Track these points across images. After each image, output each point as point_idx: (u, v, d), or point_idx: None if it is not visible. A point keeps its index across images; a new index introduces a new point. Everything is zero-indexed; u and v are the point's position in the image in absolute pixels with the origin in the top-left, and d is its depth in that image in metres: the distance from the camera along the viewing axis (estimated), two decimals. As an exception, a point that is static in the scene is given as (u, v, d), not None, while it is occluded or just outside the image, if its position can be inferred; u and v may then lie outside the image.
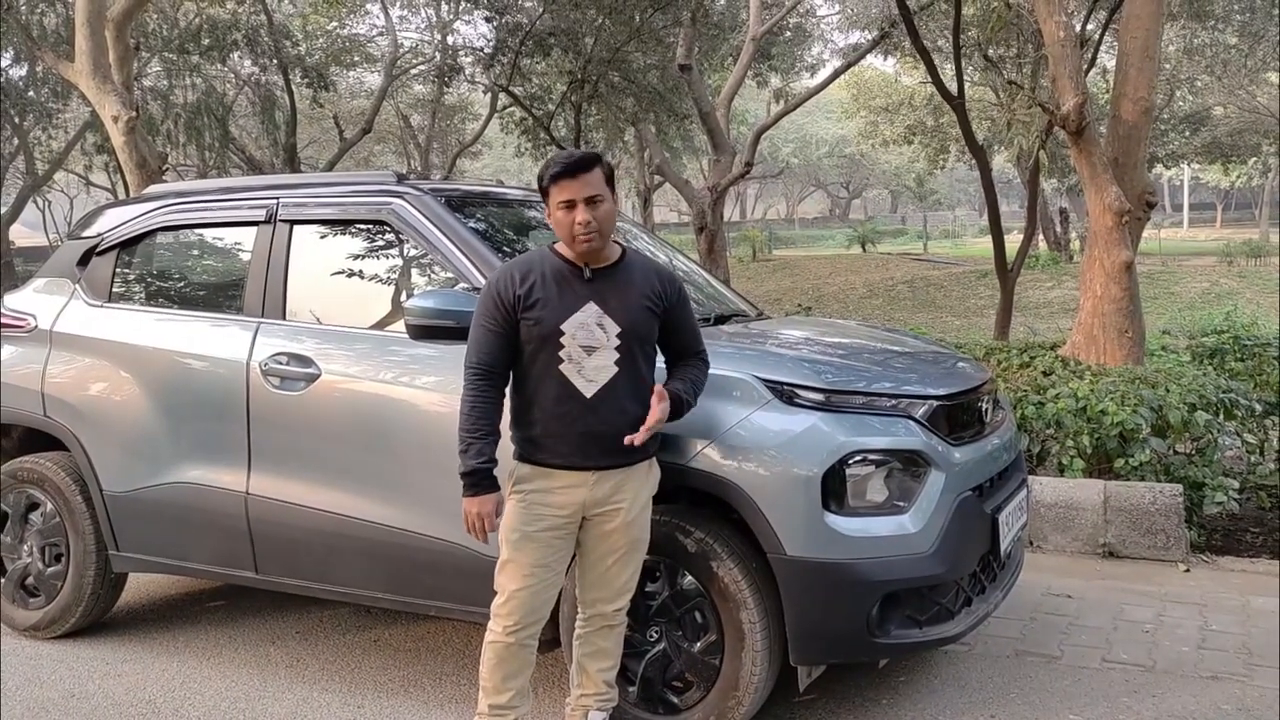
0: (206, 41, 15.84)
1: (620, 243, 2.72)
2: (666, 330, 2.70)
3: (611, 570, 2.68)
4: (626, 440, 2.53)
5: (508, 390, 2.64)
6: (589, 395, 2.54)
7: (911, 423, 2.87)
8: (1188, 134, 23.85)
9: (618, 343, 2.57)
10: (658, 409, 2.56)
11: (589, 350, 2.55)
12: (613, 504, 2.61)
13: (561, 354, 2.54)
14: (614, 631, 2.76)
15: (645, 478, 2.69)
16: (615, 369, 2.56)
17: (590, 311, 2.56)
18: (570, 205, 2.53)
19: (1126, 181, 6.32)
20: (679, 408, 2.64)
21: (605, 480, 2.59)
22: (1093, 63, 11.29)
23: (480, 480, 2.53)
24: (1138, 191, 6.41)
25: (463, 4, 16.30)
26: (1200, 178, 42.99)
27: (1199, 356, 6.96)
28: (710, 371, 2.88)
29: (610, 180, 2.62)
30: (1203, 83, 21.29)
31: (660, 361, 2.75)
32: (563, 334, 2.54)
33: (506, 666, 2.63)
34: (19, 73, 18.75)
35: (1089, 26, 11.30)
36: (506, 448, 2.64)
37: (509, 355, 2.58)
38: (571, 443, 2.56)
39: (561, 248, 2.64)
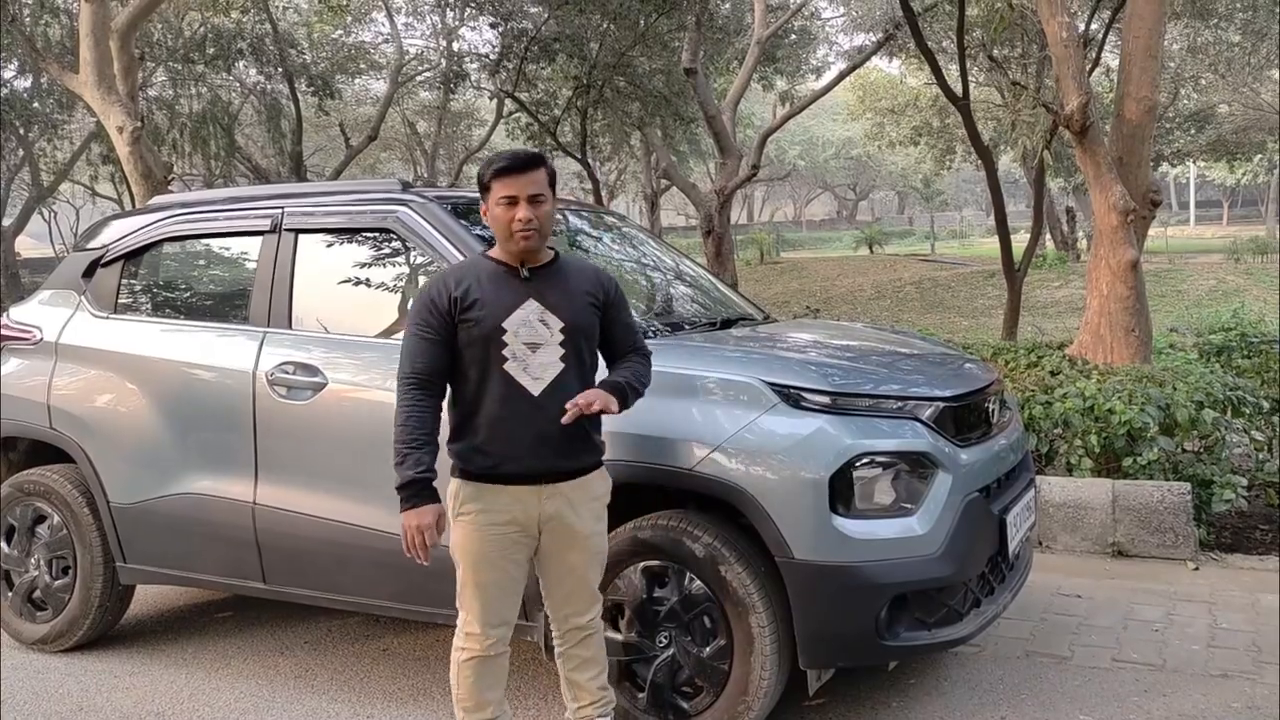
0: (211, 51, 15.90)
1: (554, 248, 2.68)
2: (605, 329, 2.67)
3: (577, 585, 2.64)
4: (566, 419, 2.44)
5: (445, 404, 2.57)
6: (537, 393, 2.49)
7: (918, 424, 2.86)
8: (1192, 132, 23.78)
9: (562, 338, 2.54)
10: (594, 393, 2.50)
11: (533, 347, 2.51)
12: (565, 520, 2.56)
13: (505, 352, 2.49)
14: (594, 639, 2.72)
15: (598, 488, 2.65)
16: (562, 365, 2.53)
17: (531, 308, 2.52)
18: (512, 201, 2.50)
19: (1131, 181, 6.30)
20: (624, 396, 2.58)
21: (555, 495, 2.54)
22: (1096, 62, 11.25)
23: (419, 491, 2.45)
24: (1142, 190, 6.39)
25: (468, 10, 16.33)
26: (1206, 175, 42.84)
27: (1206, 354, 6.94)
28: (717, 375, 2.88)
29: (552, 183, 2.59)
30: (1207, 80, 21.22)
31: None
32: (505, 331, 2.49)
33: (486, 679, 2.60)
34: (24, 84, 18.88)
35: (1092, 26, 11.28)
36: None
37: (445, 364, 2.53)
38: (522, 446, 2.50)
39: (495, 253, 2.60)
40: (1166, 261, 22.18)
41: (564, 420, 2.46)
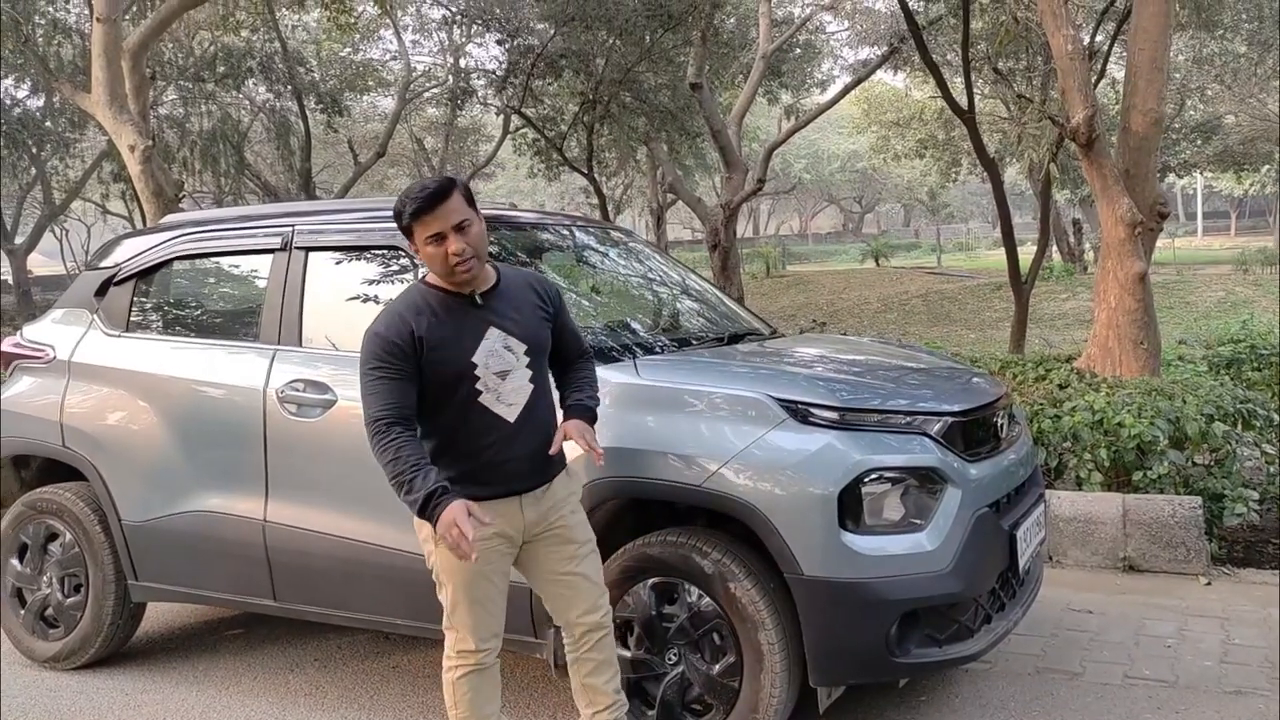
0: (221, 69, 16.04)
1: (493, 264, 2.65)
2: (555, 336, 2.68)
3: (576, 580, 2.66)
4: (553, 450, 2.55)
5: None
6: (513, 419, 2.52)
7: (927, 440, 2.86)
8: (1199, 143, 23.75)
9: (528, 360, 2.56)
10: (578, 427, 2.56)
11: (503, 375, 2.52)
12: (549, 520, 2.62)
13: (479, 386, 2.49)
14: (605, 640, 2.71)
15: (570, 485, 2.71)
16: (531, 386, 2.56)
17: (495, 337, 2.52)
18: (439, 238, 2.42)
19: (1138, 192, 6.30)
20: (593, 418, 2.65)
21: (535, 501, 2.59)
22: (1102, 74, 11.28)
23: (439, 498, 2.34)
24: (1150, 202, 6.39)
25: (475, 27, 16.45)
26: (1213, 186, 42.75)
27: (1216, 366, 6.91)
28: (725, 391, 2.89)
29: (470, 200, 2.51)
30: (1213, 91, 21.22)
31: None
32: (475, 366, 2.48)
33: (482, 693, 2.61)
34: (36, 103, 19.05)
35: (1097, 38, 11.30)
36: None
37: (412, 399, 2.45)
38: (503, 471, 2.53)
39: (434, 279, 2.55)
40: (1174, 273, 22.13)
41: (552, 451, 2.55)
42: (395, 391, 2.45)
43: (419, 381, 2.48)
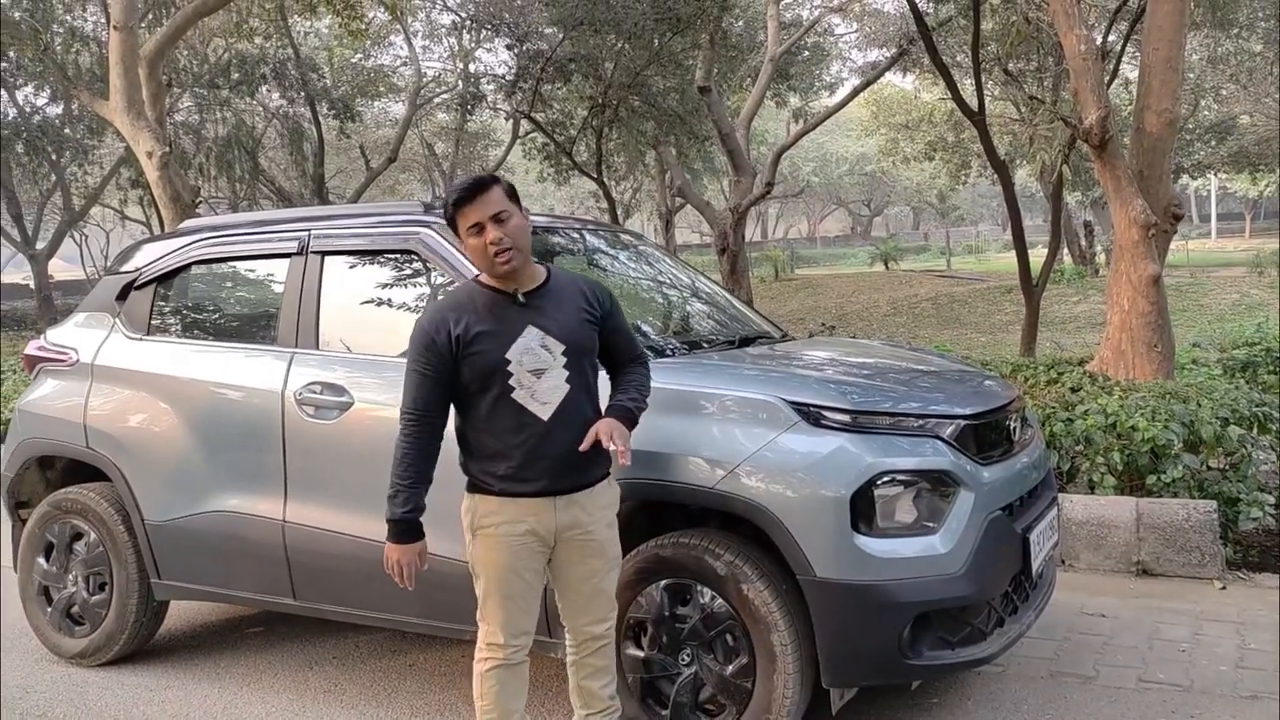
0: (236, 76, 16.19)
1: (544, 264, 2.72)
2: (605, 340, 2.71)
3: (594, 593, 2.70)
4: (583, 446, 2.54)
5: (459, 426, 2.63)
6: (546, 418, 2.55)
7: (939, 442, 2.87)
8: (1213, 144, 23.65)
9: (565, 360, 2.58)
10: (610, 425, 2.56)
11: (538, 373, 2.55)
12: (584, 527, 2.63)
13: (511, 382, 2.54)
14: (607, 649, 2.77)
15: (607, 497, 2.71)
16: (568, 386, 2.58)
17: (532, 335, 2.56)
18: (479, 229, 2.52)
19: (1152, 194, 6.29)
20: (633, 420, 2.65)
21: (570, 505, 2.61)
22: (1114, 75, 11.25)
23: (406, 529, 2.56)
24: (1163, 204, 6.38)
25: (484, 32, 16.52)
26: (1227, 187, 42.52)
27: (1230, 370, 6.90)
28: (737, 394, 2.91)
29: (513, 196, 2.60)
30: (1228, 91, 21.13)
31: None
32: (509, 362, 2.53)
33: (509, 688, 2.65)
34: (56, 111, 19.24)
35: (1110, 38, 11.28)
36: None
37: (445, 400, 2.58)
38: (537, 468, 2.56)
39: (486, 278, 2.63)
40: (1188, 275, 22.02)
41: (581, 448, 2.55)
42: (424, 389, 2.56)
43: (454, 379, 2.56)
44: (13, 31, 9.42)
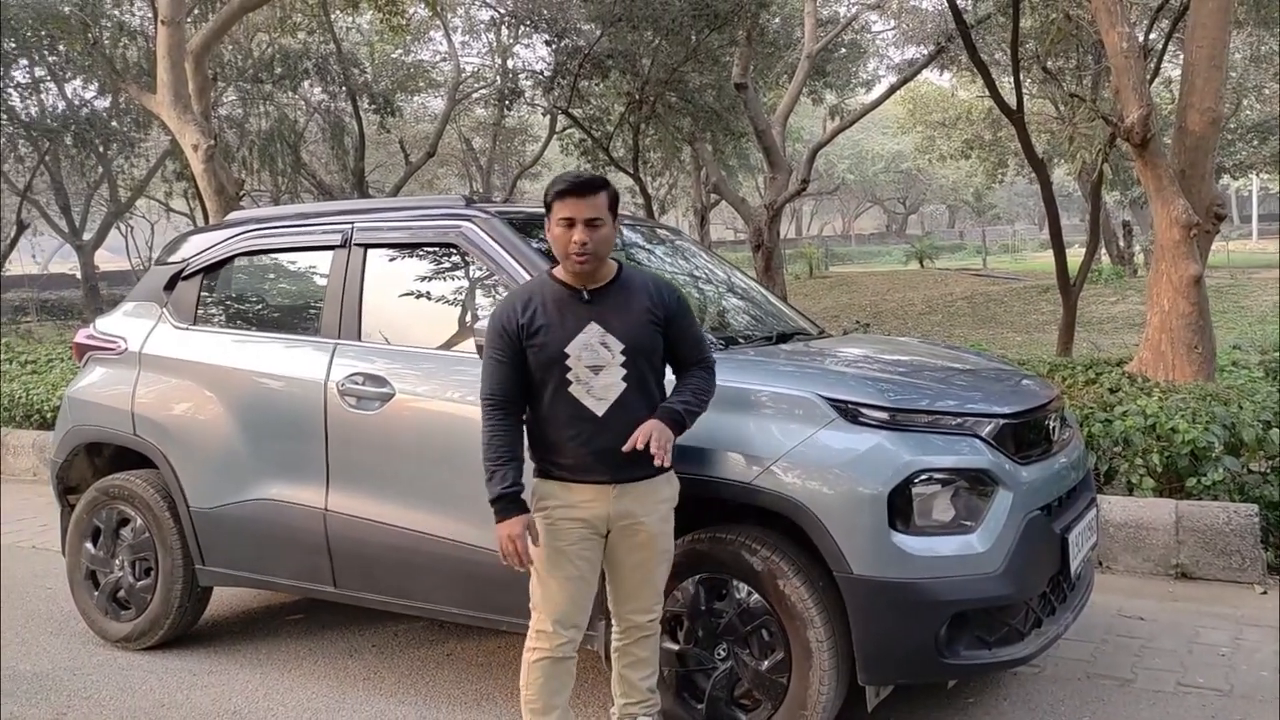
0: (279, 71, 16.38)
1: (617, 259, 2.77)
2: (670, 341, 2.74)
3: (642, 582, 2.74)
4: (625, 447, 2.55)
5: (528, 414, 2.70)
6: (600, 414, 2.60)
7: (978, 441, 2.86)
8: (1256, 143, 23.17)
9: (623, 359, 2.62)
10: (652, 427, 2.58)
11: (595, 369, 2.61)
12: (635, 517, 2.67)
13: (569, 376, 2.60)
14: (651, 640, 2.81)
15: (666, 489, 2.75)
16: (624, 385, 2.62)
17: (593, 332, 2.61)
18: (570, 223, 2.59)
19: (1194, 194, 6.21)
20: (681, 424, 2.66)
21: (626, 493, 2.65)
22: (1156, 73, 11.09)
23: (507, 505, 2.59)
24: (1206, 204, 6.30)
25: (522, 28, 16.59)
26: (1269, 188, 41.68)
27: (1272, 372, 6.78)
28: (774, 390, 2.92)
29: (614, 206, 2.67)
30: (1271, 90, 20.72)
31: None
32: (568, 356, 2.60)
33: (555, 681, 2.69)
34: (103, 104, 19.57)
35: (1150, 36, 11.12)
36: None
37: (520, 384, 2.65)
38: (590, 460, 2.62)
39: (559, 272, 2.70)
40: (1228, 276, 21.64)
41: (624, 449, 2.58)
42: (501, 374, 2.65)
43: (524, 367, 2.63)
44: (62, 25, 9.62)
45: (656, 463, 2.58)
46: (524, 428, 2.70)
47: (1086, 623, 3.84)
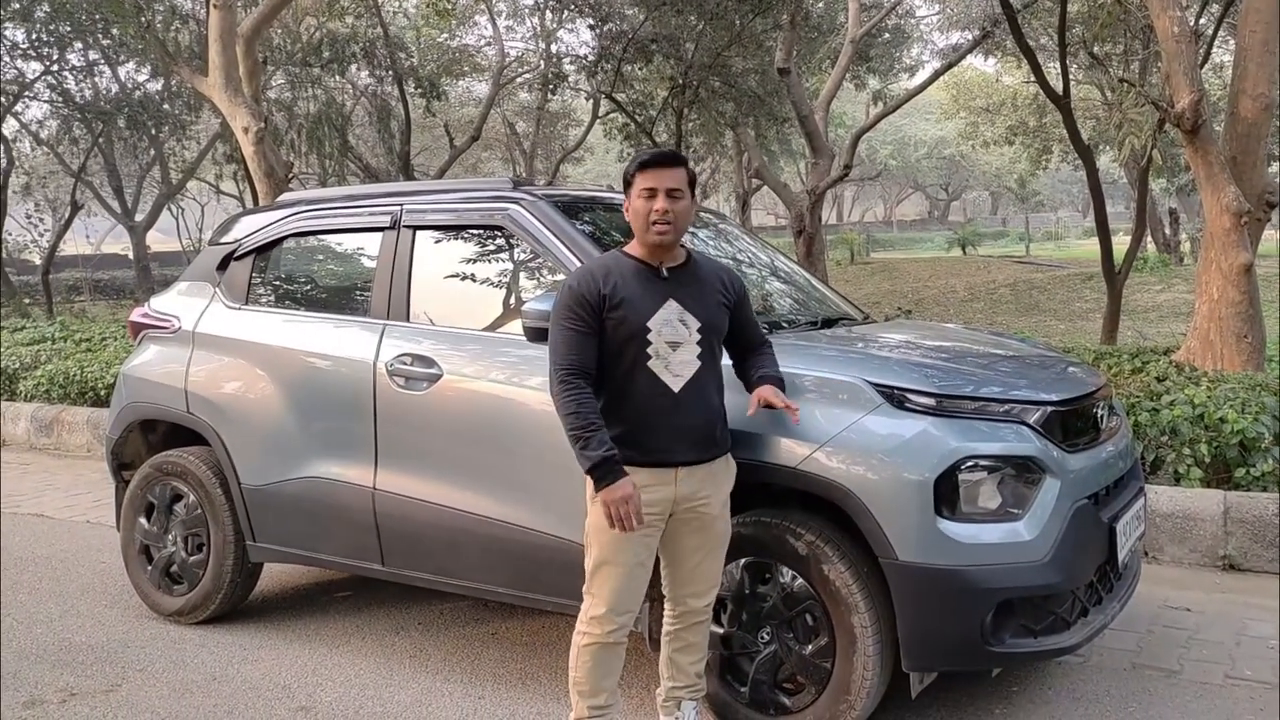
0: (327, 54, 16.50)
1: (685, 247, 2.80)
2: (736, 324, 2.80)
3: (700, 566, 2.75)
4: (750, 411, 2.74)
5: None
6: (677, 390, 2.62)
7: (1025, 428, 2.84)
8: (1311, 130, 22.59)
9: (699, 337, 2.65)
10: (772, 391, 2.72)
11: (674, 346, 2.63)
12: (699, 499, 2.68)
13: (649, 350, 2.61)
14: (703, 626, 2.83)
15: (725, 473, 2.77)
16: (699, 363, 2.65)
17: (672, 308, 2.64)
18: (652, 194, 2.62)
19: (1245, 181, 6.10)
20: (783, 386, 2.80)
21: (690, 477, 2.66)
22: (1206, 58, 10.84)
23: (610, 468, 2.53)
24: (1257, 191, 6.18)
25: (566, 13, 16.58)
26: (1327, 175, 40.59)
27: (1326, 364, 6.64)
28: (820, 375, 2.93)
29: (692, 183, 2.70)
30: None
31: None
32: (649, 330, 2.61)
33: (604, 666, 2.71)
34: (155, 87, 19.87)
35: (1202, 20, 10.87)
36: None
37: (594, 353, 2.62)
38: (662, 438, 2.62)
39: (631, 249, 2.72)
40: (1278, 266, 21.16)
41: (749, 413, 2.73)
42: (578, 343, 2.61)
43: (601, 337, 2.63)
44: (116, 9, 9.78)
45: (795, 420, 2.74)
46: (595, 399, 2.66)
47: (1132, 613, 3.80)
